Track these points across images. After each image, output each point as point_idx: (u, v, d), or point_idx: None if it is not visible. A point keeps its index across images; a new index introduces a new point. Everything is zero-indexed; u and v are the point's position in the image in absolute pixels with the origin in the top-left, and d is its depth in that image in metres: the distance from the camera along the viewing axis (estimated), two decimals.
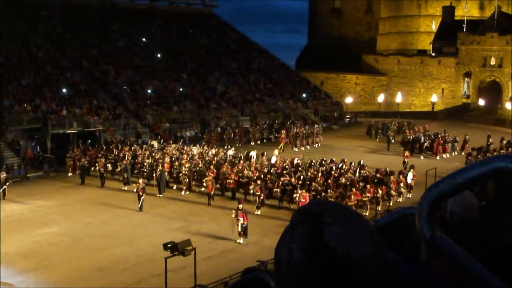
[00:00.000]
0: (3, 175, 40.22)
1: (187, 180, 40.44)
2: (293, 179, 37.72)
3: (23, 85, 58.52)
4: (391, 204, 36.78)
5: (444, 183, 1.81)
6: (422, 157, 52.51)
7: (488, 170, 1.77)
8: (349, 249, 1.55)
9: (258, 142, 61.07)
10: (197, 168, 41.80)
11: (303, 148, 57.18)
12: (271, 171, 40.58)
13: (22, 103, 54.95)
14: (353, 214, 1.67)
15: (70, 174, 46.80)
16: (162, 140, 53.82)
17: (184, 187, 40.56)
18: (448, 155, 53.15)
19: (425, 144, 54.78)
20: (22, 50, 65.30)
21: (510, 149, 49.93)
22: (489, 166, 1.76)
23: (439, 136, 55.93)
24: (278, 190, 37.32)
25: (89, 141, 52.71)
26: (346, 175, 38.54)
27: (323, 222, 1.59)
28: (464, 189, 1.92)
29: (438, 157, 51.73)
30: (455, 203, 2.27)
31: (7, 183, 39.96)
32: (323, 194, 34.75)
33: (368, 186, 36.23)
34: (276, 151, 48.75)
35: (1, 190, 39.26)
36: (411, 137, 56.63)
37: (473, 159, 44.70)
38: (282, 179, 38.00)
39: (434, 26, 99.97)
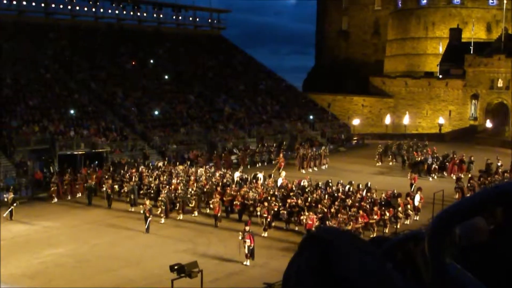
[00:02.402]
0: (11, 195, 40.27)
1: (163, 207, 39.17)
2: (299, 201, 37.64)
3: (31, 106, 58.78)
4: (398, 226, 36.69)
5: (454, 207, 1.81)
6: (430, 179, 52.47)
7: (497, 194, 1.76)
8: (356, 274, 1.54)
9: (248, 166, 58.73)
10: (177, 193, 40.86)
11: (310, 170, 57.12)
12: (276, 193, 40.36)
13: (30, 124, 55.17)
14: (360, 240, 1.67)
15: (54, 201, 45.18)
16: (166, 162, 53.71)
17: (162, 214, 39.07)
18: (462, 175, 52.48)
19: (433, 165, 54.69)
20: (30, 72, 65.64)
21: None
22: (499, 190, 1.75)
23: (454, 156, 55.82)
24: (285, 212, 37.25)
25: (96, 162, 52.76)
26: (352, 197, 38.49)
27: (331, 248, 1.59)
28: (475, 214, 1.91)
29: (453, 176, 50.98)
30: (464, 226, 2.25)
31: (15, 204, 39.99)
32: (329, 216, 34.64)
33: (375, 208, 36.12)
34: (283, 173, 48.71)
35: (8, 210, 39.29)
36: (420, 159, 56.56)
37: (475, 183, 44.54)
38: (289, 201, 37.93)
39: (441, 48, 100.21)
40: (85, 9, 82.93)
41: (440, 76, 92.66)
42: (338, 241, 1.61)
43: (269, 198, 38.09)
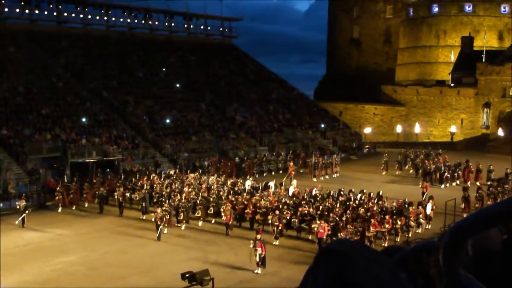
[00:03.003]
0: (23, 203, 40.41)
1: (168, 216, 38.33)
2: (311, 209, 37.57)
3: (43, 115, 59.03)
4: (410, 235, 36.54)
5: (469, 220, 1.81)
6: (442, 186, 52.26)
7: (508, 210, 1.76)
8: (371, 286, 1.55)
9: (256, 175, 57.52)
10: (181, 203, 40.74)
11: (322, 178, 57.10)
12: (288, 201, 40.27)
13: (42, 132, 55.41)
14: (374, 252, 1.68)
15: (59, 210, 44.71)
16: (177, 170, 53.81)
17: (165, 224, 38.00)
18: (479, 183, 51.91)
19: (446, 174, 54.51)
20: (42, 80, 65.96)
21: None
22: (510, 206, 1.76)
23: (470, 164, 55.56)
24: (296, 220, 37.18)
25: (108, 170, 52.93)
26: (365, 206, 38.36)
27: (346, 261, 1.60)
28: (487, 227, 1.91)
29: (469, 183, 50.66)
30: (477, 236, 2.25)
31: (27, 211, 40.11)
32: (341, 226, 34.55)
33: (387, 217, 35.97)
34: (295, 182, 48.64)
35: (20, 218, 39.43)
36: (431, 168, 56.33)
37: (484, 192, 44.14)
38: (300, 209, 37.84)
39: (453, 57, 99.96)
40: (97, 17, 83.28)
41: (452, 85, 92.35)
42: (353, 254, 1.62)
43: (280, 206, 38.04)
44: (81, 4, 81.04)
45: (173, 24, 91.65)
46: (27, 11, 75.19)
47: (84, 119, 60.47)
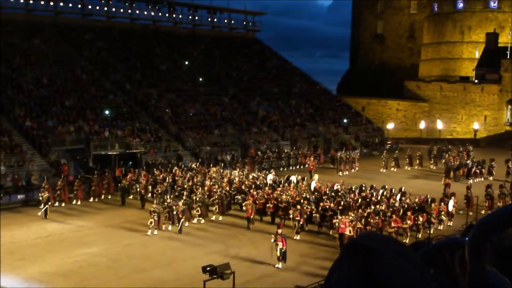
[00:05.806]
0: (45, 194, 40.59)
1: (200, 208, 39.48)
2: (332, 205, 37.52)
3: (67, 107, 59.35)
4: (431, 231, 36.37)
5: (495, 216, 1.80)
6: (470, 181, 51.60)
7: None
8: (398, 282, 1.54)
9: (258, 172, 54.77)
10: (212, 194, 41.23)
11: (346, 173, 57.12)
12: (308, 196, 40.22)
13: (65, 124, 55.69)
14: (402, 247, 1.67)
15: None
16: (199, 164, 53.77)
17: (175, 222, 38.03)
18: None
19: (473, 169, 54.24)
20: (67, 73, 66.34)
21: None
22: None
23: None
24: (318, 215, 37.15)
25: (130, 162, 53.08)
26: (387, 202, 38.25)
27: (373, 255, 1.59)
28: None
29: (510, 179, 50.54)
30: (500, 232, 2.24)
31: (49, 203, 40.34)
32: (363, 220, 34.46)
33: (408, 213, 35.83)
34: (316, 176, 48.59)
35: (43, 209, 39.66)
36: (456, 163, 56.03)
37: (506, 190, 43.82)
38: (321, 204, 37.81)
39: (477, 53, 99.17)
40: (121, 10, 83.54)
41: (476, 81, 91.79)
42: (381, 249, 1.61)
43: (301, 201, 38.00)
44: None
45: (196, 18, 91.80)
46: (51, 3, 75.59)
47: (107, 112, 60.71)
